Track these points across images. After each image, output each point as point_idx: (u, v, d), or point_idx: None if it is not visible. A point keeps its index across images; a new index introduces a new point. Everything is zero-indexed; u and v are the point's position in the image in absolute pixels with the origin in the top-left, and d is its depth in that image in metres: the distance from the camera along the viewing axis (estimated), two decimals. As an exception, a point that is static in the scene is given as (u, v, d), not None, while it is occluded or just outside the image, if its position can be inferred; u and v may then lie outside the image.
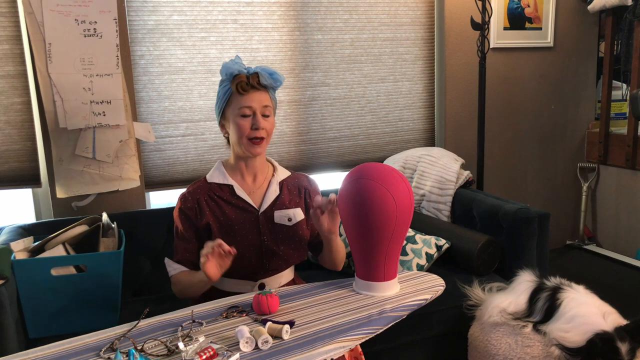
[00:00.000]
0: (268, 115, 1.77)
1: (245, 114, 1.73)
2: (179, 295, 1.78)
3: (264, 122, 1.74)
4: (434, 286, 1.66)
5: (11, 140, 2.45)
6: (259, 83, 1.74)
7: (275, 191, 1.85)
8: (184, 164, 2.81)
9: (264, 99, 1.76)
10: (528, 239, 2.42)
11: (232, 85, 1.74)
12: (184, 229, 1.79)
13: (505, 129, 3.49)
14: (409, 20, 3.17)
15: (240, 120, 1.74)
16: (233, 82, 1.74)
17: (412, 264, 2.43)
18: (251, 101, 1.73)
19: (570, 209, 3.79)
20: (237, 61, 1.76)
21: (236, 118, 1.74)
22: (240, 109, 1.73)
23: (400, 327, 1.68)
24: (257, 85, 1.74)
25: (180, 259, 1.79)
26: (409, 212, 1.60)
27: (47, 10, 2.34)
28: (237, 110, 1.74)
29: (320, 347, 1.30)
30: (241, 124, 1.73)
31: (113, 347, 1.33)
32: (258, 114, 1.74)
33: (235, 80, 1.73)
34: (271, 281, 1.83)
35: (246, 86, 1.73)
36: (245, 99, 1.73)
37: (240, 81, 1.72)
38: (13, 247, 1.98)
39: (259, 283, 1.82)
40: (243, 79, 1.73)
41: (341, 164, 3.18)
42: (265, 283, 1.82)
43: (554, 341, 1.84)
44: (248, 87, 1.73)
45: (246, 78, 1.73)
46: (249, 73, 1.75)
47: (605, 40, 3.51)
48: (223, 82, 1.79)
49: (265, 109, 1.75)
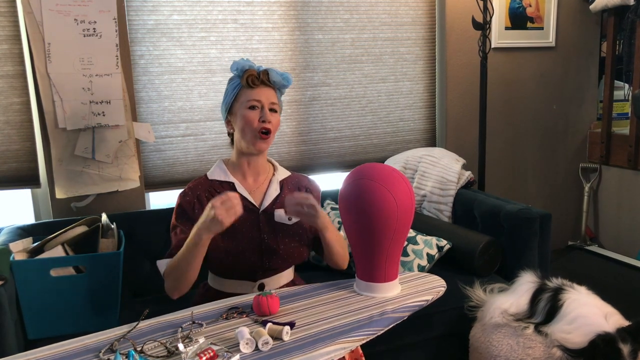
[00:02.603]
0: (276, 110, 1.80)
1: (253, 105, 1.76)
2: (172, 290, 1.70)
3: (270, 116, 1.77)
4: (435, 287, 1.66)
5: (10, 141, 2.45)
6: (268, 79, 1.79)
7: (276, 190, 1.86)
8: (183, 165, 2.81)
9: (271, 95, 1.79)
10: (529, 240, 2.42)
11: (242, 79, 1.77)
12: (180, 224, 1.78)
13: (507, 129, 3.49)
14: (410, 19, 3.17)
15: (248, 112, 1.75)
16: (243, 76, 1.77)
17: (413, 264, 2.43)
18: (260, 95, 1.76)
19: (572, 210, 3.79)
20: (248, 60, 1.81)
21: (244, 110, 1.76)
22: (248, 101, 1.76)
23: (401, 328, 1.67)
24: (267, 82, 1.79)
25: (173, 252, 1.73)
26: (410, 213, 1.59)
27: (47, 9, 2.33)
28: (245, 102, 1.76)
29: (320, 349, 1.30)
30: (249, 116, 1.75)
31: (112, 349, 1.32)
32: (266, 107, 1.76)
33: (246, 74, 1.76)
34: (271, 281, 1.82)
35: (256, 80, 1.77)
36: (254, 92, 1.76)
37: (251, 75, 1.76)
38: (12, 247, 1.98)
39: (259, 283, 1.81)
40: (253, 73, 1.77)
41: (342, 164, 3.17)
42: (264, 283, 1.81)
43: (556, 342, 1.84)
44: (258, 81, 1.77)
45: (257, 73, 1.78)
46: (260, 70, 1.79)
47: (607, 40, 3.51)
48: (232, 79, 1.83)
49: (272, 104, 1.79)
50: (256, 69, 1.78)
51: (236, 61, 1.79)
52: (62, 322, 1.99)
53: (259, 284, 1.81)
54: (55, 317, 1.98)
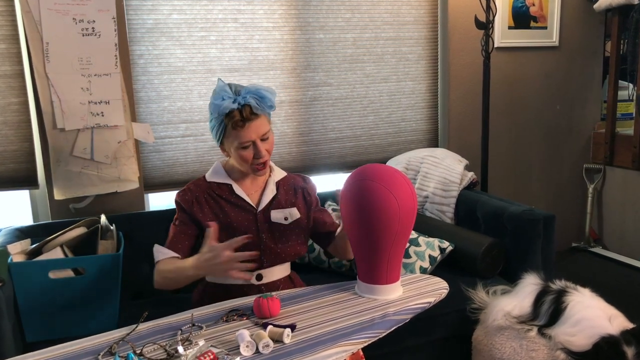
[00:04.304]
0: (267, 137, 1.78)
1: (245, 146, 1.74)
2: (160, 284, 1.77)
3: (264, 147, 1.76)
4: (437, 289, 1.66)
5: (8, 141, 2.45)
6: (252, 113, 1.72)
7: (272, 191, 1.90)
8: (183, 165, 2.80)
9: (260, 126, 1.74)
10: (533, 241, 2.42)
11: (228, 124, 1.72)
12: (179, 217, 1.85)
13: (510, 129, 3.48)
14: (412, 19, 3.16)
15: (242, 152, 1.76)
16: (226, 119, 1.71)
17: (415, 266, 2.42)
18: (249, 135, 1.72)
19: (576, 211, 3.78)
20: (224, 91, 1.72)
21: (237, 151, 1.76)
22: (240, 143, 1.74)
23: (403, 330, 1.69)
24: (251, 116, 1.72)
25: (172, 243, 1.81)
26: (412, 214, 1.59)
27: (45, 9, 2.33)
28: (236, 144, 1.74)
29: (322, 351, 1.30)
30: (243, 155, 1.76)
31: (111, 351, 1.33)
32: (258, 142, 1.75)
33: (228, 119, 1.71)
34: (268, 272, 1.87)
35: (241, 122, 1.70)
36: (242, 134, 1.72)
37: (233, 119, 1.70)
38: (10, 249, 1.98)
39: (256, 274, 1.85)
40: (236, 116, 1.70)
41: (343, 165, 3.16)
42: (262, 274, 1.85)
43: (560, 345, 1.85)
44: (243, 122, 1.71)
45: (239, 114, 1.70)
46: (240, 106, 1.70)
47: (612, 40, 3.50)
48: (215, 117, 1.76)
49: (264, 135, 1.76)
50: (237, 107, 1.69)
51: (214, 102, 1.71)
52: (61, 325, 1.99)
53: (256, 274, 1.85)
54: (54, 319, 1.99)
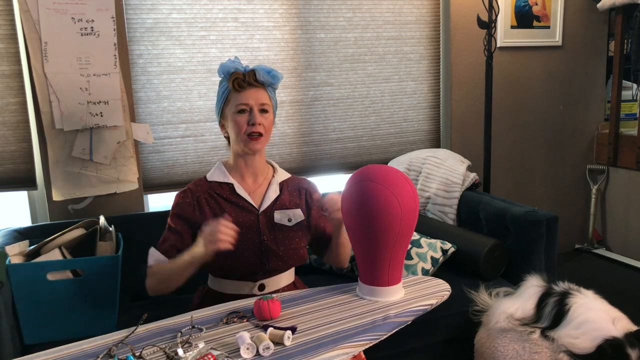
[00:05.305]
0: (266, 110, 1.79)
1: (242, 109, 1.77)
2: (153, 289, 1.74)
3: (260, 118, 1.77)
4: (439, 291, 1.66)
5: (6, 142, 2.45)
6: (255, 80, 1.77)
7: (276, 191, 1.88)
8: (183, 166, 2.79)
9: (260, 96, 1.78)
10: (536, 243, 2.41)
11: (229, 82, 1.77)
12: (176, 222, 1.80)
13: (513, 129, 3.48)
14: (414, 18, 3.15)
15: (237, 117, 1.77)
16: (230, 79, 1.77)
17: (417, 268, 2.42)
18: (248, 98, 1.76)
19: (579, 212, 3.77)
20: (235, 60, 1.80)
21: (233, 115, 1.78)
22: (237, 105, 1.77)
23: (405, 333, 1.70)
24: (254, 82, 1.78)
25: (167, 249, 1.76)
26: (414, 215, 1.59)
27: (43, 8, 2.32)
28: (234, 107, 1.78)
29: (323, 354, 1.30)
30: (238, 120, 1.77)
31: (110, 354, 1.32)
32: (255, 109, 1.77)
33: (232, 78, 1.77)
34: (271, 282, 1.83)
35: (243, 83, 1.77)
36: (241, 95, 1.76)
37: (237, 78, 1.77)
38: (8, 251, 1.98)
39: (259, 284, 1.81)
40: (239, 75, 1.77)
41: (344, 165, 3.15)
42: (265, 284, 1.82)
43: (563, 347, 1.85)
44: (244, 83, 1.77)
45: (242, 75, 1.77)
46: (246, 71, 1.79)
47: (615, 39, 3.49)
48: (221, 82, 1.84)
49: (262, 105, 1.78)
50: (242, 70, 1.78)
51: (222, 64, 1.80)
52: (59, 327, 1.99)
53: (259, 285, 1.81)
54: (53, 321, 1.99)
